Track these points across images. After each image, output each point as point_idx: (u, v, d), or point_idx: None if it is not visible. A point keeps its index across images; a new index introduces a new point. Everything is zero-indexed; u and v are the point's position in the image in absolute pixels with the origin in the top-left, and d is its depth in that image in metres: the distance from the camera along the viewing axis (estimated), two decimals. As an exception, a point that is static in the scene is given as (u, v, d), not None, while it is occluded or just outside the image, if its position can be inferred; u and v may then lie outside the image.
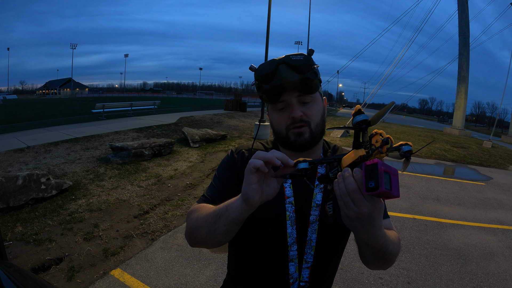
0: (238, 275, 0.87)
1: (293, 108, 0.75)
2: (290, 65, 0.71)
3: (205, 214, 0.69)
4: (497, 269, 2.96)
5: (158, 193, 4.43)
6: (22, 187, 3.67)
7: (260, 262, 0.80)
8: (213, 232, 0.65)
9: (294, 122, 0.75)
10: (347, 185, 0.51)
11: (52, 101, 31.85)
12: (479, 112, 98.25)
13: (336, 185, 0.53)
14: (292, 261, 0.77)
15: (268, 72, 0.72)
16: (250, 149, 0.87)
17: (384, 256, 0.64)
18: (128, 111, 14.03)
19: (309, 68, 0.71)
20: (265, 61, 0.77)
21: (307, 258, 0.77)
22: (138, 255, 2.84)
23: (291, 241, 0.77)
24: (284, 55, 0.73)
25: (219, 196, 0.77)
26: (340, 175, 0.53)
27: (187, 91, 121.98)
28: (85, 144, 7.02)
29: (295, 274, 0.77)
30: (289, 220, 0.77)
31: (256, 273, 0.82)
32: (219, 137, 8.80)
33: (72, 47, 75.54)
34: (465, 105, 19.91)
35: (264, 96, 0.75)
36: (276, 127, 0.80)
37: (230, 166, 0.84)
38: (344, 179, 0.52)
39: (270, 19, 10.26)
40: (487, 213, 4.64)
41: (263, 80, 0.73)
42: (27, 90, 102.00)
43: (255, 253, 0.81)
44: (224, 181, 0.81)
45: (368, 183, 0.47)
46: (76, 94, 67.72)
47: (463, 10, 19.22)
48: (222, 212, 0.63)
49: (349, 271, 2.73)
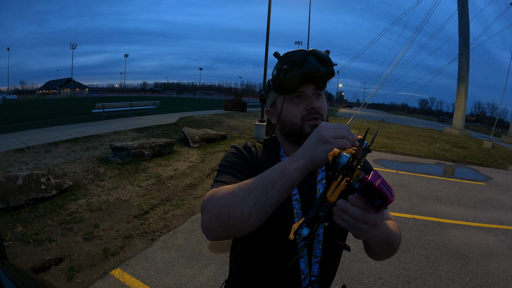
0: (243, 274, 0.86)
1: (311, 99, 0.78)
2: (318, 57, 0.75)
3: (244, 186, 0.58)
4: (497, 269, 2.96)
5: (158, 193, 4.43)
6: (22, 187, 3.67)
7: (270, 260, 0.80)
8: (263, 203, 0.55)
9: (311, 113, 0.78)
10: (353, 215, 0.51)
11: (52, 101, 31.85)
12: (479, 112, 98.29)
13: (339, 220, 0.53)
14: (302, 257, 0.79)
15: (300, 58, 0.74)
16: (255, 145, 0.88)
17: (389, 247, 0.69)
18: (128, 111, 14.03)
19: (332, 64, 0.77)
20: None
21: (316, 253, 0.79)
22: (138, 255, 2.84)
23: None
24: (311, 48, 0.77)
25: (235, 180, 0.72)
26: (337, 210, 0.52)
27: (187, 91, 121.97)
28: (85, 144, 7.02)
29: (306, 270, 0.79)
30: (297, 217, 0.78)
31: (266, 272, 0.82)
32: (219, 137, 8.80)
33: (72, 47, 75.55)
34: (465, 105, 19.92)
35: (287, 83, 0.76)
36: (289, 119, 0.79)
37: (239, 156, 0.81)
38: (346, 211, 0.51)
39: (271, 19, 10.26)
40: (487, 213, 4.64)
41: (295, 65, 0.74)
42: (27, 90, 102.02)
43: (264, 252, 0.81)
44: (236, 166, 0.78)
45: (373, 202, 0.48)
46: (76, 94, 67.71)
47: (463, 10, 19.23)
48: (277, 178, 0.55)
49: (349, 271, 2.73)
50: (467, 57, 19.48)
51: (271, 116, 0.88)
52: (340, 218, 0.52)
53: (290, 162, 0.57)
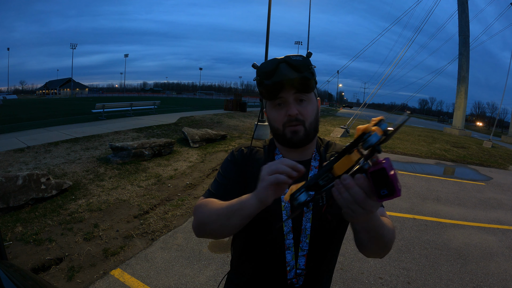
0: (239, 265, 0.92)
1: (289, 106, 0.80)
2: (290, 64, 0.76)
3: (216, 209, 0.73)
4: (497, 269, 2.96)
5: (158, 193, 4.43)
6: (22, 187, 3.67)
7: (259, 251, 0.85)
8: (226, 226, 0.70)
9: (290, 120, 0.80)
10: (354, 195, 0.50)
11: (52, 101, 31.86)
12: (479, 112, 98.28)
13: (338, 194, 0.53)
14: (289, 249, 0.80)
15: (269, 69, 0.77)
16: (249, 147, 0.92)
17: (380, 239, 0.68)
18: (128, 111, 14.02)
19: (307, 68, 0.77)
20: (265, 60, 0.82)
21: (302, 246, 0.81)
22: (138, 255, 2.84)
23: (287, 230, 0.80)
24: (285, 56, 0.78)
25: (225, 192, 0.83)
26: (339, 184, 0.52)
27: (187, 91, 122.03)
28: (85, 144, 7.02)
29: (291, 262, 0.81)
30: (284, 210, 0.81)
31: (255, 262, 0.86)
32: (219, 137, 8.80)
33: (72, 47, 75.55)
34: (465, 105, 19.92)
35: (264, 92, 0.80)
36: (273, 124, 0.85)
37: (232, 163, 0.89)
38: (348, 189, 0.51)
39: (271, 20, 10.26)
40: (487, 213, 4.64)
41: (265, 76, 0.78)
42: (27, 90, 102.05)
43: (254, 243, 0.85)
44: (229, 177, 0.86)
45: (380, 191, 0.46)
46: (76, 94, 67.70)
47: (463, 10, 19.23)
48: (236, 208, 0.67)
49: (349, 271, 2.73)
50: (467, 57, 19.49)
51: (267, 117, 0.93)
52: (340, 193, 0.52)
53: (247, 197, 0.66)
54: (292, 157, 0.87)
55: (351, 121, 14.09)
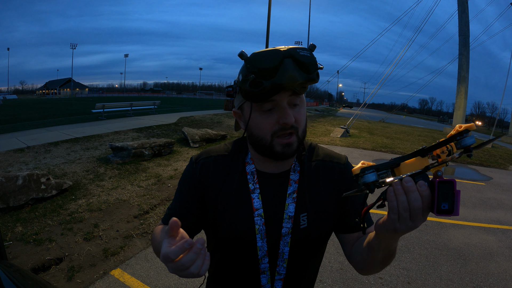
0: (214, 279, 0.86)
1: (285, 112, 0.64)
2: (298, 61, 0.59)
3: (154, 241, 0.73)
4: (497, 269, 2.96)
5: (158, 193, 4.43)
6: (22, 187, 3.67)
7: (232, 272, 0.78)
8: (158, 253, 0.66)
9: (283, 129, 0.65)
10: (411, 201, 0.45)
11: (52, 101, 31.85)
12: (479, 112, 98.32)
13: (393, 195, 0.47)
14: (264, 273, 0.74)
15: (271, 66, 0.58)
16: (211, 157, 0.78)
17: (390, 258, 0.63)
18: (128, 111, 14.02)
19: (315, 68, 0.61)
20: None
21: (279, 271, 0.74)
22: (138, 255, 2.83)
23: (261, 254, 0.72)
24: (286, 47, 0.60)
25: (180, 214, 0.73)
26: (398, 185, 0.46)
27: (187, 91, 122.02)
28: (85, 144, 7.02)
29: (267, 285, 0.74)
30: (259, 234, 0.71)
31: (230, 282, 0.80)
32: (219, 137, 8.80)
33: (72, 47, 75.57)
34: (465, 105, 19.90)
35: (252, 93, 0.62)
36: (257, 132, 0.68)
37: (187, 181, 0.77)
38: (407, 192, 0.45)
39: (271, 20, 10.27)
40: (487, 213, 4.64)
41: (263, 75, 0.58)
42: (27, 90, 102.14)
43: (227, 264, 0.79)
44: (182, 197, 0.77)
45: (441, 204, 0.43)
46: (76, 94, 67.74)
47: (463, 10, 19.22)
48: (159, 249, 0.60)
49: (349, 271, 2.73)
50: (467, 57, 19.48)
51: (239, 119, 0.76)
52: (396, 195, 0.46)
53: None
54: (268, 168, 0.75)
55: (351, 121, 14.09)
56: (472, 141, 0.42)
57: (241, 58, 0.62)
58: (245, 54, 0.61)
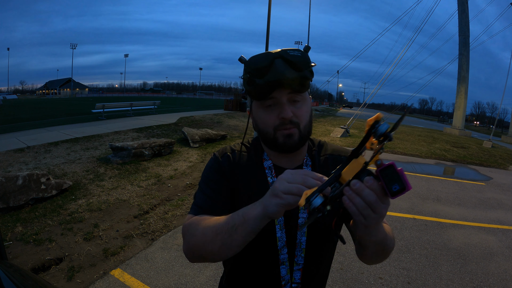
0: (232, 276, 0.87)
1: (283, 108, 0.71)
2: (287, 61, 0.67)
3: (213, 226, 0.64)
4: (497, 269, 2.96)
5: (158, 193, 4.43)
6: (22, 187, 3.67)
7: (252, 265, 0.80)
8: (229, 244, 0.62)
9: (283, 123, 0.72)
10: (366, 197, 0.49)
11: (52, 101, 31.86)
12: (479, 112, 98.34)
13: (348, 202, 0.50)
14: (283, 264, 0.76)
15: (263, 65, 0.67)
16: (235, 151, 0.84)
17: (384, 250, 0.67)
18: (128, 111, 14.03)
19: (307, 66, 0.68)
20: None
21: (297, 261, 0.77)
22: (138, 255, 2.84)
23: (281, 245, 0.75)
24: (279, 49, 0.68)
25: (213, 205, 0.75)
26: (349, 191, 0.50)
27: (187, 91, 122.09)
28: (85, 144, 7.02)
29: (286, 276, 0.77)
30: (278, 225, 0.75)
31: (249, 275, 0.82)
32: (219, 137, 8.80)
33: (72, 47, 75.61)
34: (465, 105, 19.92)
35: (253, 92, 0.70)
36: (262, 127, 0.76)
37: (216, 170, 0.80)
38: (359, 192, 0.49)
39: (271, 20, 10.27)
40: (487, 213, 4.64)
41: (257, 74, 0.67)
42: (27, 90, 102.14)
43: (247, 257, 0.80)
44: (214, 187, 0.78)
45: (391, 187, 0.46)
46: (76, 94, 67.78)
47: (463, 10, 19.23)
48: (239, 223, 0.60)
49: (349, 271, 2.73)
50: (467, 57, 19.48)
51: (252, 117, 0.84)
52: (351, 200, 0.50)
53: (251, 209, 0.60)
54: (282, 163, 0.81)
55: (351, 121, 14.09)
56: (386, 127, 0.48)
57: (241, 62, 0.72)
58: (243, 58, 0.71)
